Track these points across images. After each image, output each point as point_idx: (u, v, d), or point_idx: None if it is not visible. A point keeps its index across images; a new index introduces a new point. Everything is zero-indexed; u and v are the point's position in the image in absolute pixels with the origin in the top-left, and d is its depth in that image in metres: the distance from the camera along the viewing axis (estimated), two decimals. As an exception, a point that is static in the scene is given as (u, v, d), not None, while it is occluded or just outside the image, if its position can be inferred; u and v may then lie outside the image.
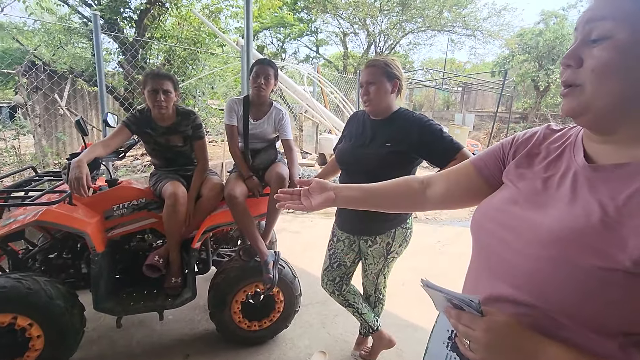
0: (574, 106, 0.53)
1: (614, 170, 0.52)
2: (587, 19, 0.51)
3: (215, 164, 5.18)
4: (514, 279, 0.57)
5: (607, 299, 0.46)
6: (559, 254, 0.51)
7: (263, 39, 17.26)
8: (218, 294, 1.88)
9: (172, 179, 1.86)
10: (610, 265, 0.46)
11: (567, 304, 0.50)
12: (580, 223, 0.51)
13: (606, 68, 0.48)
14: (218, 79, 7.01)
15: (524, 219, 0.59)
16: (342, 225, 1.69)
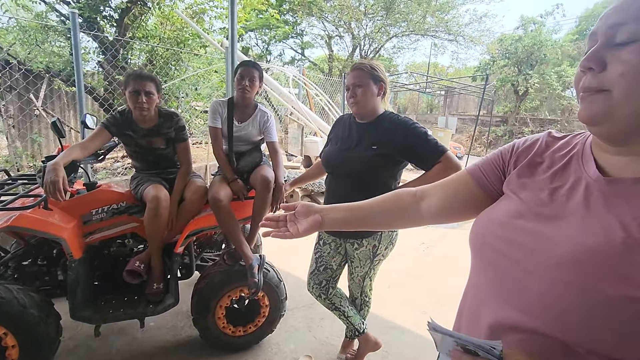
0: (596, 112, 0.48)
1: (634, 185, 0.47)
2: (611, 24, 0.47)
3: (199, 166, 5.10)
4: (523, 303, 0.52)
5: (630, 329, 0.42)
6: (579, 279, 0.46)
7: (248, 40, 17.16)
8: (201, 300, 1.84)
9: (154, 182, 1.82)
10: (632, 293, 0.41)
11: (586, 335, 0.45)
12: (601, 244, 0.46)
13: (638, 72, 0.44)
14: (202, 81, 6.92)
15: (533, 234, 0.54)
16: (328, 232, 1.69)
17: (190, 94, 6.48)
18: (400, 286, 2.84)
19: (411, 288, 2.84)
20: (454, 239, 4.14)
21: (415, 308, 2.53)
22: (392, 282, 2.83)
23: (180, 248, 1.83)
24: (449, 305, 2.57)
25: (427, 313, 2.46)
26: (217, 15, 7.09)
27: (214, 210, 1.81)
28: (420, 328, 2.27)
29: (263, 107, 2.05)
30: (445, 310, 2.49)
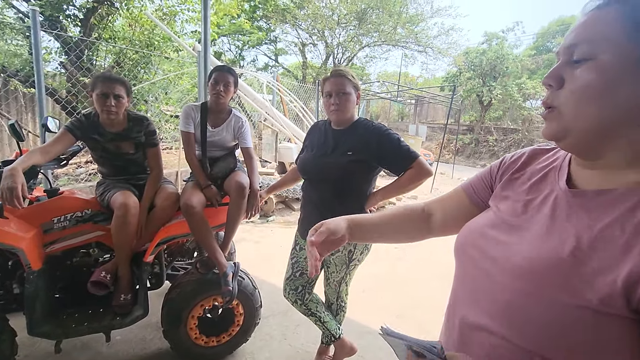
0: (554, 129, 0.50)
1: (595, 197, 0.49)
2: (568, 44, 0.49)
3: (170, 172, 4.95)
4: (490, 309, 0.54)
5: (579, 339, 0.44)
6: (532, 287, 0.48)
7: (221, 45, 16.95)
8: (172, 310, 1.78)
9: (122, 188, 1.74)
10: (578, 302, 0.43)
11: (541, 341, 0.47)
12: (554, 254, 0.48)
13: (586, 89, 0.46)
14: (172, 85, 6.74)
15: (500, 244, 0.57)
16: (304, 233, 1.69)
17: (160, 98, 6.30)
18: (375, 291, 2.88)
19: (386, 292, 2.88)
20: (428, 244, 4.25)
21: (390, 312, 2.56)
22: (367, 287, 2.86)
23: (150, 257, 1.76)
24: (423, 308, 2.63)
25: (402, 317, 2.50)
26: (188, 19, 6.96)
27: (187, 217, 1.76)
28: (394, 331, 2.30)
29: (237, 112, 2.03)
30: (419, 314, 2.54)
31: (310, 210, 1.63)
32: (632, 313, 0.41)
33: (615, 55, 0.44)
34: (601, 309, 0.42)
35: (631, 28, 0.44)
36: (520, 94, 14.97)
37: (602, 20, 0.46)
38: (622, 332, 0.42)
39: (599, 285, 0.42)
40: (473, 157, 16.02)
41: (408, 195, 6.74)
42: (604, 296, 0.42)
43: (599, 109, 0.46)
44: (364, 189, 1.56)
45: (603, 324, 0.42)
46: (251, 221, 4.59)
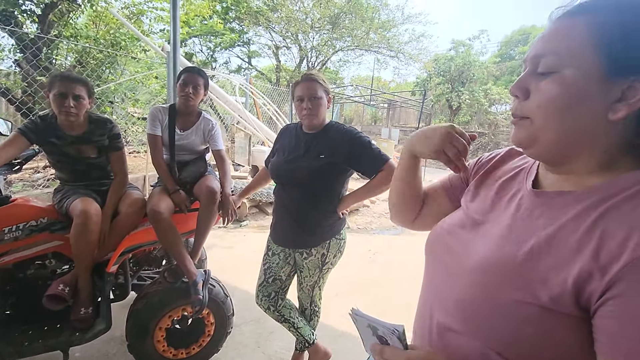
0: (522, 137, 0.52)
1: (555, 198, 0.51)
2: (534, 54, 0.50)
3: (137, 177, 4.75)
4: (450, 306, 0.56)
5: (527, 335, 0.45)
6: (487, 284, 0.50)
7: (192, 46, 16.57)
8: (138, 322, 1.69)
9: (83, 195, 1.64)
10: (528, 299, 0.45)
11: (493, 337, 0.49)
12: (508, 252, 0.50)
13: (552, 103, 0.47)
14: (140, 86, 6.49)
15: (464, 241, 0.58)
16: (277, 238, 1.66)
17: (126, 99, 6.04)
18: (348, 294, 2.88)
19: (359, 295, 2.89)
20: (400, 245, 4.33)
21: (364, 315, 2.57)
22: (340, 291, 2.86)
23: (113, 267, 1.67)
24: (395, 311, 2.66)
25: (375, 319, 2.51)
26: (157, 18, 6.75)
27: (153, 224, 1.68)
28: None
29: (207, 115, 1.98)
30: (392, 318, 2.57)
31: (283, 214, 1.61)
32: (580, 311, 0.42)
33: (580, 70, 0.45)
34: (551, 307, 0.43)
35: (597, 39, 0.44)
36: (486, 99, 15.67)
37: (570, 32, 0.47)
38: (567, 330, 0.43)
39: (551, 284, 0.44)
40: (443, 160, 16.50)
41: (381, 197, 6.84)
42: (555, 295, 0.43)
43: (564, 122, 0.47)
44: (336, 192, 1.55)
45: (549, 321, 0.43)
46: (224, 226, 4.49)
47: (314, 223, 1.55)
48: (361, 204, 5.96)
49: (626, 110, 0.44)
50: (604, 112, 0.45)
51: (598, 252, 0.42)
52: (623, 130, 0.46)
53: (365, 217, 5.72)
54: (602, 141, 0.47)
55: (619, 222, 0.42)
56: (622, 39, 0.43)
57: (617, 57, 0.43)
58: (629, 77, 0.43)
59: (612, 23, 0.44)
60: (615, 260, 0.40)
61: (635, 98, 0.43)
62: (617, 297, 0.39)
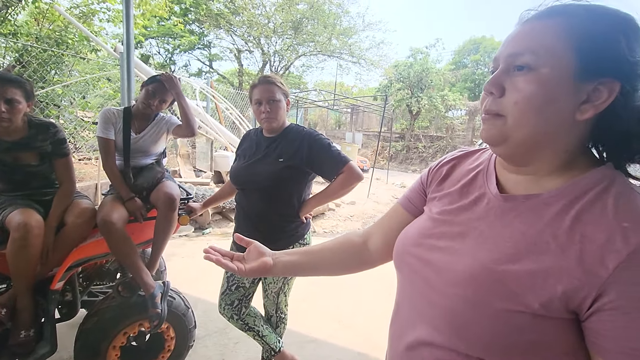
0: (494, 134, 0.52)
1: (525, 202, 0.51)
2: (510, 52, 0.50)
3: (88, 185, 4.43)
4: (433, 320, 0.55)
5: (518, 341, 0.45)
6: (473, 294, 0.49)
7: (148, 48, 15.91)
8: (89, 342, 1.56)
9: (22, 206, 1.49)
10: (518, 308, 0.45)
11: (483, 346, 0.49)
12: (491, 259, 0.50)
13: (529, 101, 0.47)
14: (91, 88, 6.10)
15: (440, 252, 0.57)
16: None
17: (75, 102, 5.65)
18: (315, 298, 2.86)
19: (326, 300, 2.88)
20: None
21: (332, 319, 2.57)
22: (306, 296, 2.83)
23: (58, 283, 1.53)
24: (364, 314, 2.68)
25: (343, 322, 2.52)
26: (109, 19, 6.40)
27: (105, 235, 1.56)
28: (337, 339, 2.30)
29: (160, 113, 1.90)
30: (361, 320, 2.59)
31: (244, 220, 1.56)
32: (570, 314, 0.44)
33: (555, 70, 0.46)
34: (541, 313, 0.44)
35: (572, 42, 0.46)
36: (443, 105, 16.47)
37: (545, 31, 0.48)
38: (558, 333, 0.44)
39: (539, 290, 0.44)
40: (405, 163, 17.11)
41: (346, 200, 6.92)
42: (545, 301, 0.44)
43: (537, 120, 0.48)
44: (297, 196, 1.54)
45: (541, 326, 0.44)
46: (184, 234, 4.31)
47: (276, 229, 1.52)
48: (326, 207, 5.99)
49: (592, 111, 0.46)
50: (572, 112, 0.47)
51: (582, 257, 0.43)
52: (583, 131, 0.49)
53: (331, 220, 5.75)
54: (565, 141, 0.49)
55: (596, 224, 0.44)
56: (592, 43, 0.45)
57: (587, 59, 0.45)
58: (595, 80, 0.45)
59: (583, 27, 0.46)
60: (600, 264, 0.41)
61: (600, 100, 0.46)
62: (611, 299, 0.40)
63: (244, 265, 0.74)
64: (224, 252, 0.76)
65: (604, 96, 0.45)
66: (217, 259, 0.72)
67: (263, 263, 0.75)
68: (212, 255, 0.73)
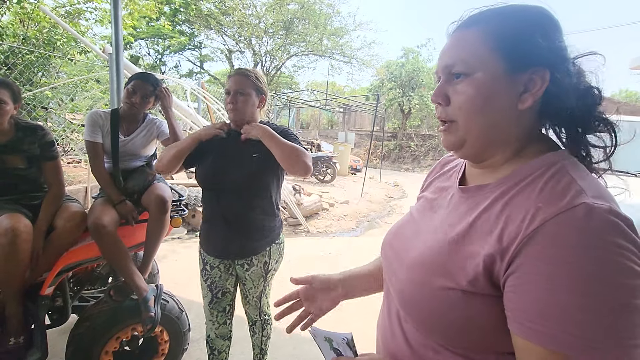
0: (452, 141, 0.56)
1: (475, 191, 0.56)
2: (445, 64, 0.55)
3: (77, 188, 4.37)
4: (400, 302, 0.59)
5: (454, 318, 0.49)
6: (418, 276, 0.55)
7: (138, 49, 15.74)
8: (81, 348, 1.53)
9: (9, 210, 1.46)
10: (452, 285, 0.49)
11: (427, 326, 0.53)
12: (436, 245, 0.55)
13: (471, 103, 0.52)
14: (79, 90, 6.01)
15: (406, 241, 0.63)
16: (212, 251, 1.50)
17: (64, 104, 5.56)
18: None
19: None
20: (359, 246, 4.40)
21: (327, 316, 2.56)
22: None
23: (48, 289, 1.50)
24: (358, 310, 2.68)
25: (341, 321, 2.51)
26: (97, 19, 6.30)
27: (96, 238, 1.54)
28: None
29: (150, 115, 1.88)
30: (354, 317, 2.59)
31: (216, 223, 1.46)
32: (494, 290, 0.47)
33: (487, 72, 0.51)
34: (470, 290, 0.48)
35: (493, 44, 0.51)
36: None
37: (469, 40, 0.53)
38: (487, 309, 0.47)
39: (468, 269, 0.48)
40: (398, 162, 17.18)
41: (340, 200, 6.93)
42: (471, 278, 0.48)
43: (484, 118, 0.52)
44: (272, 192, 1.48)
45: (471, 302, 0.48)
46: (177, 237, 4.27)
47: (254, 228, 1.46)
48: (320, 207, 5.99)
49: (532, 99, 0.50)
50: (514, 104, 0.51)
51: (501, 236, 0.46)
52: (530, 119, 0.53)
53: (324, 220, 5.76)
54: (514, 131, 0.53)
55: (519, 206, 0.47)
56: (511, 40, 0.50)
57: (511, 56, 0.50)
58: (527, 71, 0.50)
59: (500, 29, 0.51)
60: (513, 241, 0.45)
61: (536, 88, 0.50)
62: (515, 272, 0.44)
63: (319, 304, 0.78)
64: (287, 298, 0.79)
65: (538, 84, 0.50)
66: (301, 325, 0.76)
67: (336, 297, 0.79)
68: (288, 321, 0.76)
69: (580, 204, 0.42)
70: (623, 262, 0.38)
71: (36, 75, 5.03)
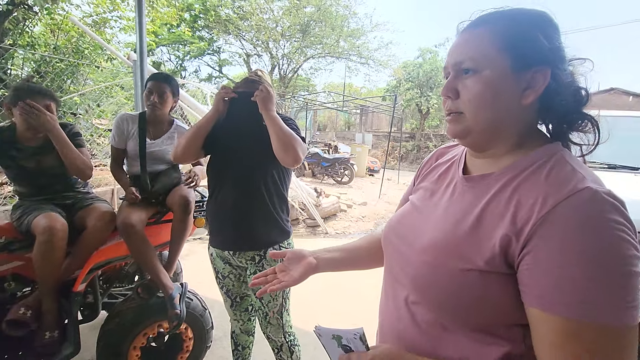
0: (458, 130, 0.60)
1: (480, 180, 0.60)
2: (455, 61, 0.59)
3: (105, 190, 4.53)
4: (408, 283, 0.63)
5: (469, 297, 0.53)
6: (432, 259, 0.58)
7: (160, 55, 16.20)
8: (111, 343, 1.59)
9: (46, 210, 1.54)
10: (468, 266, 0.53)
11: (441, 304, 0.56)
12: (449, 229, 0.58)
13: (479, 98, 0.56)
14: (105, 96, 6.24)
15: (412, 228, 0.67)
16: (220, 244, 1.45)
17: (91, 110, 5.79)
18: (335, 300, 2.86)
19: (346, 301, 2.87)
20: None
21: (331, 312, 2.56)
22: (328, 297, 2.83)
23: (80, 286, 1.57)
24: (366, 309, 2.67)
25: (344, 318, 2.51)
26: (122, 27, 6.54)
27: (125, 237, 1.60)
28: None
29: (180, 122, 1.92)
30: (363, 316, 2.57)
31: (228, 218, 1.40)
32: (508, 269, 0.51)
33: (495, 69, 0.55)
34: (486, 269, 0.51)
35: (500, 44, 0.55)
36: (453, 103, 16.27)
37: (478, 39, 0.57)
38: (501, 287, 0.51)
39: (484, 250, 0.52)
40: (416, 163, 16.96)
41: (358, 201, 6.91)
42: (488, 258, 0.51)
43: (491, 112, 0.56)
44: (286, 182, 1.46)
45: (487, 281, 0.52)
46: (198, 237, 4.36)
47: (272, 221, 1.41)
48: (338, 209, 5.98)
49: (534, 95, 0.55)
50: (518, 99, 0.55)
51: (515, 219, 0.51)
52: (531, 113, 0.57)
53: (343, 221, 5.75)
54: (516, 124, 0.58)
55: (528, 192, 0.52)
56: (517, 40, 0.54)
57: (517, 55, 0.54)
58: (530, 69, 0.54)
59: (507, 30, 0.55)
60: (527, 223, 0.49)
61: (538, 85, 0.54)
62: (531, 252, 0.48)
63: (291, 274, 0.78)
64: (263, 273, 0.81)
65: (540, 81, 0.54)
66: (269, 288, 0.76)
67: (308, 264, 0.79)
68: (262, 285, 0.78)
69: (585, 188, 0.47)
70: (622, 236, 0.44)
71: (65, 83, 5.26)
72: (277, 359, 1.56)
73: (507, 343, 0.53)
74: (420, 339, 0.60)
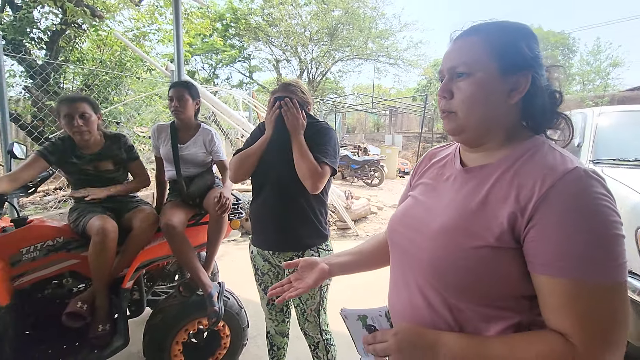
0: (453, 127, 0.68)
1: (480, 170, 0.67)
2: (449, 66, 0.66)
3: (146, 194, 4.80)
4: (421, 271, 0.68)
5: (482, 272, 0.59)
6: (445, 241, 0.64)
7: (194, 64, 16.89)
8: (155, 337, 1.70)
9: (99, 213, 1.67)
10: (480, 243, 0.59)
11: (459, 283, 0.61)
12: (458, 213, 0.65)
13: (472, 98, 0.64)
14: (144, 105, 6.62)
15: (421, 219, 0.72)
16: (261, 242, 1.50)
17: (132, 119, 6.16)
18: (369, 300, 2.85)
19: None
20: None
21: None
22: (362, 296, 2.83)
23: (128, 283, 1.69)
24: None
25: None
26: (159, 39, 6.91)
27: (168, 237, 1.70)
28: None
29: (206, 126, 2.02)
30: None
31: (270, 221, 1.44)
32: (515, 243, 0.58)
33: (485, 73, 0.62)
34: (497, 245, 0.58)
35: (490, 51, 0.63)
36: (487, 101, 15.68)
37: (470, 46, 0.65)
38: (509, 261, 0.58)
39: (493, 228, 0.59)
40: (448, 164, 16.46)
41: (389, 204, 6.83)
42: (497, 235, 0.58)
43: (482, 110, 0.64)
44: (325, 189, 1.45)
45: (499, 256, 0.58)
46: (232, 239, 4.51)
47: (314, 225, 1.45)
48: (369, 211, 5.95)
49: (518, 96, 0.63)
50: (505, 99, 0.63)
51: (518, 198, 0.58)
52: (516, 111, 0.65)
53: (373, 224, 5.71)
54: (505, 121, 0.65)
55: (527, 175, 0.59)
56: (504, 49, 0.62)
57: (504, 61, 0.62)
58: (516, 73, 0.62)
59: (496, 39, 0.63)
60: (530, 200, 0.56)
61: (521, 87, 0.62)
62: (535, 225, 0.55)
63: (305, 280, 0.87)
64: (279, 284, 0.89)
65: (523, 84, 0.62)
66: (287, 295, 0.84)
67: (320, 270, 0.87)
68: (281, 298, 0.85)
69: (575, 168, 0.56)
70: (608, 206, 0.53)
71: (110, 94, 5.64)
72: (313, 356, 1.59)
73: (517, 314, 0.59)
74: (437, 321, 0.64)
